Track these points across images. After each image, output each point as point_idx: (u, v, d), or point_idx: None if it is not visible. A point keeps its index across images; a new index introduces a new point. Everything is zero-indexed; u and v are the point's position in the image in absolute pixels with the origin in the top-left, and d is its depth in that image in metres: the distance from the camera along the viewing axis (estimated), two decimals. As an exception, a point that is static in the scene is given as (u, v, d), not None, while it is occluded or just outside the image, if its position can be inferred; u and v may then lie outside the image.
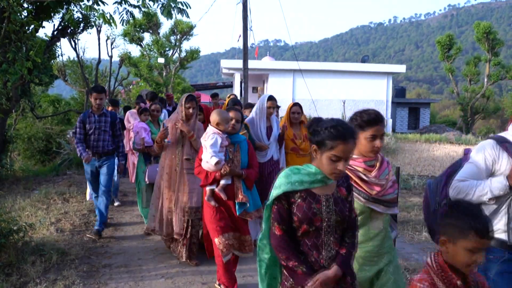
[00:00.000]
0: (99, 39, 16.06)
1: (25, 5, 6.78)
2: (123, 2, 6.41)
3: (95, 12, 6.37)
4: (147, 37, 24.82)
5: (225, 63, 27.06)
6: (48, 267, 4.43)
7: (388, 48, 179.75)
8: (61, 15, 9.21)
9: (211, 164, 3.69)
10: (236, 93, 25.81)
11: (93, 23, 11.38)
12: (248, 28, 13.33)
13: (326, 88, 25.56)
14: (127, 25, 6.84)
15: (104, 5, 6.45)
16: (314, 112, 20.61)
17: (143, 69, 23.14)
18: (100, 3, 6.37)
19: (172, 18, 6.40)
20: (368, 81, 26.83)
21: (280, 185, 2.17)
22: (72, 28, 10.35)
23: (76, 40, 15.18)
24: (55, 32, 9.99)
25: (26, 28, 6.84)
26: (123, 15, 6.56)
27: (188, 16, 6.47)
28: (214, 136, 3.73)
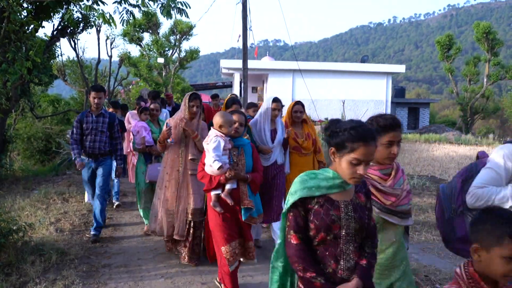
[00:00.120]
0: (98, 39, 16.08)
1: (24, 5, 6.78)
2: (123, 2, 6.40)
3: (94, 12, 6.38)
4: (147, 37, 24.88)
5: (224, 63, 27.08)
6: (48, 267, 4.43)
7: (388, 48, 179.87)
8: (60, 15, 9.21)
9: (214, 168, 3.55)
10: (236, 93, 25.83)
11: (92, 23, 11.38)
12: (248, 28, 13.34)
13: (325, 88, 25.59)
14: (127, 25, 6.83)
15: (104, 5, 6.45)
16: (314, 112, 20.62)
17: (142, 69, 23.14)
18: (99, 3, 6.37)
19: (171, 18, 6.40)
20: (368, 81, 26.86)
21: (296, 191, 2.05)
22: (71, 28, 10.35)
23: (76, 40, 15.19)
24: (55, 32, 9.99)
25: (26, 28, 6.84)
26: (123, 15, 6.55)
27: (187, 16, 6.47)
28: (217, 139, 3.61)
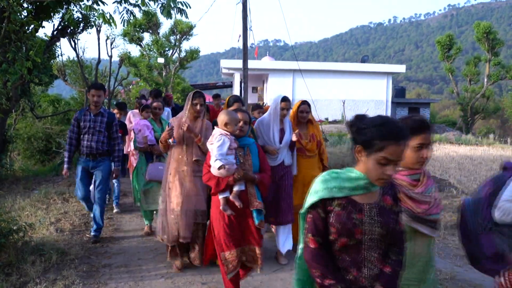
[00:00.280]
0: (98, 39, 16.01)
1: (25, 5, 6.78)
2: (123, 1, 6.40)
3: (94, 12, 6.38)
4: (147, 37, 24.88)
5: (224, 63, 27.12)
6: (48, 267, 4.42)
7: (388, 48, 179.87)
8: (61, 15, 9.20)
9: (215, 167, 3.39)
10: (236, 93, 25.83)
11: (93, 23, 11.37)
12: (248, 28, 13.33)
13: (326, 88, 25.62)
14: (127, 25, 6.83)
15: (104, 5, 6.45)
16: (314, 112, 20.61)
17: (142, 69, 23.15)
18: (99, 3, 6.37)
19: (171, 18, 6.39)
20: (368, 81, 26.88)
21: (317, 191, 1.93)
22: (72, 28, 10.34)
23: (76, 40, 15.15)
24: (55, 32, 9.98)
25: (26, 28, 6.84)
26: (123, 15, 6.56)
27: (187, 16, 6.46)
28: (221, 138, 3.44)
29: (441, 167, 13.13)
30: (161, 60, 23.25)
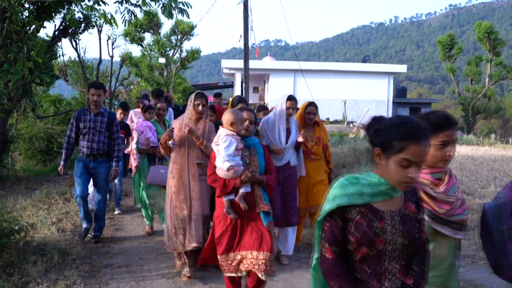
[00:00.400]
0: (100, 39, 16.04)
1: (26, 5, 6.79)
2: (124, 2, 6.41)
3: (96, 12, 6.38)
4: (148, 37, 24.89)
5: (226, 63, 27.12)
6: (50, 267, 4.43)
7: (389, 48, 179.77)
8: (62, 15, 9.22)
9: (223, 169, 3.27)
10: (237, 93, 25.84)
11: (94, 23, 11.38)
12: (249, 28, 13.34)
13: (327, 88, 25.61)
14: (128, 25, 6.83)
15: (105, 5, 6.46)
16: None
17: (144, 69, 23.17)
18: (101, 3, 6.38)
19: (173, 18, 6.41)
20: (369, 81, 26.86)
21: (335, 197, 1.81)
22: (73, 28, 10.37)
23: (77, 40, 15.18)
24: (56, 32, 10.00)
25: (28, 28, 6.86)
26: (124, 15, 6.57)
27: (188, 16, 6.47)
28: (228, 138, 3.30)
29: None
30: (162, 60, 23.26)
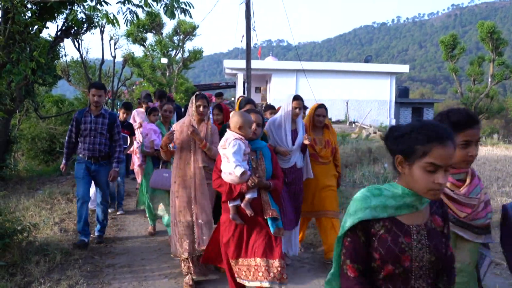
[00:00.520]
0: (102, 39, 16.08)
1: (29, 5, 6.81)
2: (126, 2, 6.42)
3: (98, 13, 6.40)
4: (150, 37, 24.88)
5: (228, 63, 27.12)
6: (52, 267, 4.44)
7: (392, 48, 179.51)
8: (64, 15, 9.23)
9: (235, 175, 3.12)
10: (239, 93, 25.83)
11: (96, 24, 11.39)
12: (251, 28, 13.34)
13: (329, 88, 25.58)
14: (130, 25, 6.85)
15: (108, 5, 6.48)
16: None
17: (146, 69, 23.18)
18: (103, 3, 6.41)
19: (175, 18, 6.40)
20: (371, 81, 26.83)
21: (356, 210, 1.68)
22: (75, 28, 10.38)
23: (80, 41, 15.23)
24: (59, 33, 10.01)
25: (30, 28, 6.87)
26: (126, 15, 6.58)
27: (191, 16, 6.47)
28: (237, 142, 3.18)
29: (445, 167, 13.09)
30: (164, 60, 23.27)
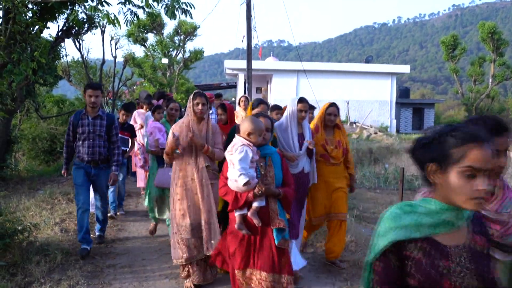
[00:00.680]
0: (103, 39, 16.09)
1: (30, 6, 6.81)
2: (127, 3, 6.43)
3: (99, 13, 6.40)
4: (151, 37, 24.89)
5: (229, 64, 27.11)
6: (53, 267, 4.44)
7: (392, 48, 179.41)
8: (65, 15, 9.23)
9: (239, 184, 3.02)
10: (240, 93, 25.83)
11: (97, 24, 11.40)
12: (252, 29, 13.36)
13: (330, 89, 25.56)
14: (131, 25, 6.85)
15: (109, 5, 6.48)
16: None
17: (147, 69, 23.18)
18: (104, 3, 6.40)
19: (176, 19, 6.40)
20: (372, 81, 26.81)
21: (387, 231, 1.49)
22: (76, 28, 10.38)
23: (81, 41, 15.26)
24: (60, 33, 10.01)
25: (31, 28, 6.87)
26: (127, 16, 6.58)
27: (191, 17, 6.46)
28: (244, 149, 3.05)
29: (445, 167, 13.07)
30: (165, 60, 23.28)
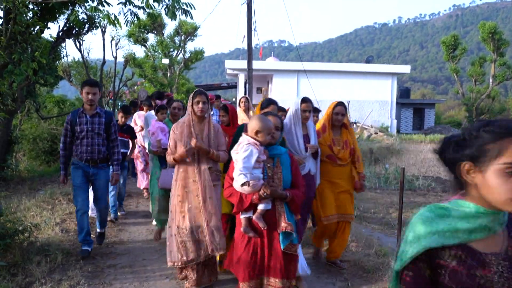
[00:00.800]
0: (103, 40, 16.12)
1: (30, 6, 6.81)
2: (128, 3, 6.43)
3: (99, 13, 6.40)
4: (152, 38, 24.90)
5: (229, 64, 27.14)
6: (53, 267, 4.44)
7: (393, 48, 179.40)
8: (66, 16, 9.24)
9: (238, 183, 2.91)
10: (240, 93, 25.84)
11: (98, 24, 11.42)
12: (253, 29, 13.36)
13: (330, 89, 25.56)
14: (131, 26, 6.86)
15: (109, 6, 6.48)
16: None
17: (147, 70, 23.20)
18: (104, 4, 6.40)
19: (176, 19, 6.40)
20: (373, 81, 26.81)
21: (419, 237, 1.35)
22: (77, 29, 10.39)
23: (81, 41, 15.29)
24: (60, 33, 10.02)
25: (32, 29, 6.88)
26: (127, 16, 6.58)
27: (192, 17, 6.46)
28: (249, 148, 2.91)
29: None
30: (165, 61, 23.29)
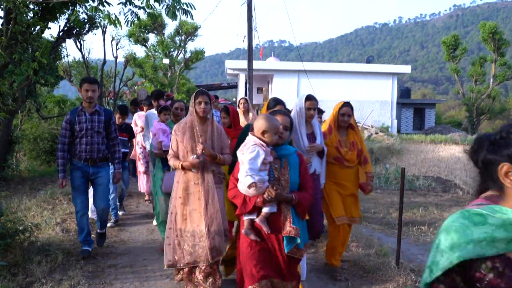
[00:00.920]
0: (104, 40, 16.12)
1: (31, 6, 6.82)
2: (128, 3, 6.43)
3: (100, 13, 6.40)
4: (152, 38, 24.92)
5: (229, 64, 27.14)
6: (54, 267, 4.45)
7: (393, 48, 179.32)
8: (66, 16, 9.24)
9: (244, 186, 2.82)
10: (241, 93, 25.85)
11: (98, 24, 11.42)
12: (253, 29, 13.37)
13: (330, 89, 25.56)
14: (131, 26, 6.86)
15: (109, 6, 6.48)
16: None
17: (148, 69, 23.21)
18: (105, 4, 6.41)
19: (176, 19, 6.40)
20: (373, 81, 26.80)
21: (453, 246, 1.24)
22: (77, 29, 10.39)
23: (82, 41, 15.29)
24: (61, 33, 10.03)
25: (32, 29, 6.88)
26: (128, 16, 6.59)
27: (192, 18, 6.46)
28: (255, 149, 2.82)
29: (446, 168, 13.09)
30: (166, 61, 23.30)
